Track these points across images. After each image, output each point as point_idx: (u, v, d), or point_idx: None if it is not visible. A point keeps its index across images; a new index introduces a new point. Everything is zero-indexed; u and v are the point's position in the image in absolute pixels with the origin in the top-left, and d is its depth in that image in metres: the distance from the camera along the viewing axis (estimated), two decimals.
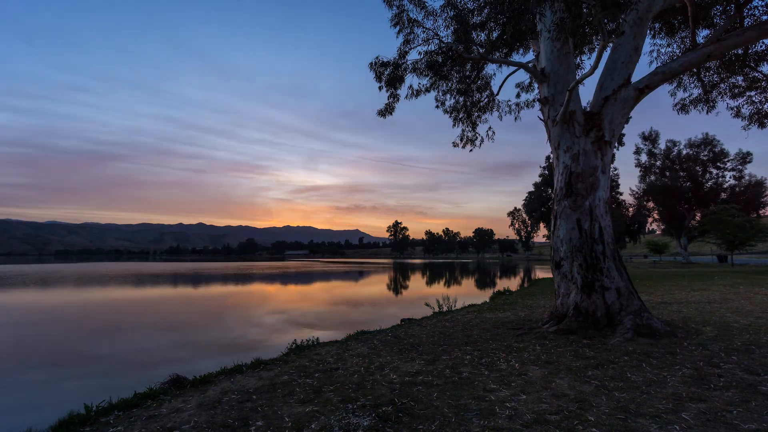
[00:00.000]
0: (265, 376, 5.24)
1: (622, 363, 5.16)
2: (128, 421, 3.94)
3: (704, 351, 5.68)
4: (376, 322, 10.89)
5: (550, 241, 8.22)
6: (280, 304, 18.55)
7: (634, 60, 7.75)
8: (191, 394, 4.71)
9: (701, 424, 3.36)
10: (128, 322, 13.48)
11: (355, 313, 15.30)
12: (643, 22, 7.65)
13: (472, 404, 3.93)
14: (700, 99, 10.81)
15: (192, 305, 18.20)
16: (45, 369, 7.87)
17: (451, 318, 9.92)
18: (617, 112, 7.71)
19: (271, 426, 3.60)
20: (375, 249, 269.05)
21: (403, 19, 9.06)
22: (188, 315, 15.12)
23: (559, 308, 7.59)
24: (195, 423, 3.75)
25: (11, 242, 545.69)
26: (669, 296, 12.82)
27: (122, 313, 15.54)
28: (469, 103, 10.89)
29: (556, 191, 8.11)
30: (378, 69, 9.55)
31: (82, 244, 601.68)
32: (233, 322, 13.38)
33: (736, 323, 7.78)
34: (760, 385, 4.22)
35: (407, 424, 3.52)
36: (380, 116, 10.41)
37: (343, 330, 10.24)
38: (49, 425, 4.03)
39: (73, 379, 7.23)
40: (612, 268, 7.22)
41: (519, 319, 9.23)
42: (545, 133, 8.62)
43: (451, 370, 5.17)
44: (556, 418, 3.53)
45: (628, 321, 6.73)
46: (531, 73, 9.36)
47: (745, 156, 45.90)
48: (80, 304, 18.42)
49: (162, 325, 12.78)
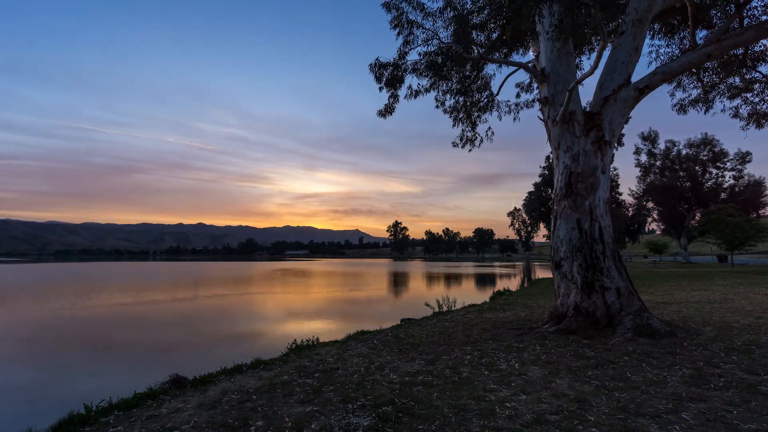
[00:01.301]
0: (265, 376, 5.23)
1: (622, 363, 5.16)
2: (128, 421, 3.94)
3: (704, 351, 5.68)
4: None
5: (550, 241, 8.22)
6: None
7: (634, 60, 7.75)
8: (191, 394, 4.71)
9: (701, 424, 3.36)
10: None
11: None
12: (643, 22, 7.64)
13: (472, 404, 3.93)
14: (699, 99, 10.82)
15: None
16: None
17: (451, 318, 9.92)
18: (617, 112, 7.71)
19: (271, 426, 3.60)
20: (375, 249, 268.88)
21: (403, 21, 9.07)
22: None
23: (559, 308, 7.59)
24: (195, 423, 3.75)
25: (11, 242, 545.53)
26: (669, 296, 12.83)
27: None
28: (469, 103, 10.90)
29: (556, 191, 8.11)
30: (378, 70, 9.55)
31: (82, 244, 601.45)
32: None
33: (736, 323, 7.78)
34: (760, 385, 4.22)
35: (407, 424, 3.52)
36: (380, 116, 10.41)
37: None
38: (49, 425, 4.03)
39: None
40: (612, 268, 7.22)
41: (519, 319, 9.23)
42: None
43: (451, 370, 5.17)
44: (556, 418, 3.53)
45: (628, 321, 6.73)
46: (531, 73, 9.36)
47: (745, 156, 45.94)
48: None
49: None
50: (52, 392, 6.60)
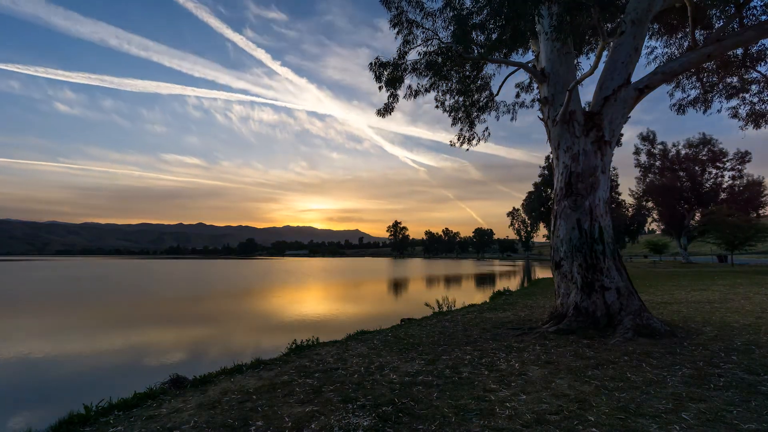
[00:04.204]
0: (265, 376, 5.23)
1: (622, 363, 5.16)
2: (128, 421, 3.94)
3: (704, 351, 5.68)
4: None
5: (550, 241, 8.22)
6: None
7: (633, 60, 7.75)
8: (191, 394, 4.71)
9: (701, 424, 3.36)
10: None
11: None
12: (643, 22, 7.65)
13: (472, 404, 3.93)
14: (698, 99, 10.83)
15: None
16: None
17: (451, 318, 9.92)
18: (617, 112, 7.71)
19: (271, 426, 3.60)
20: (375, 249, 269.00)
21: (402, 20, 9.07)
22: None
23: (559, 308, 7.59)
24: (195, 423, 3.75)
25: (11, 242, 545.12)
26: (669, 296, 12.83)
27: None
28: (469, 103, 10.91)
29: (556, 191, 8.11)
30: (377, 69, 9.55)
31: (82, 244, 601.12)
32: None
33: (736, 323, 7.79)
34: (760, 385, 4.22)
35: (407, 424, 3.52)
36: (379, 116, 10.40)
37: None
38: (49, 425, 4.02)
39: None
40: (612, 268, 7.22)
41: (519, 319, 9.23)
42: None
43: (451, 370, 5.17)
44: (556, 418, 3.53)
45: (628, 321, 6.73)
46: (531, 73, 9.36)
47: (744, 155, 45.90)
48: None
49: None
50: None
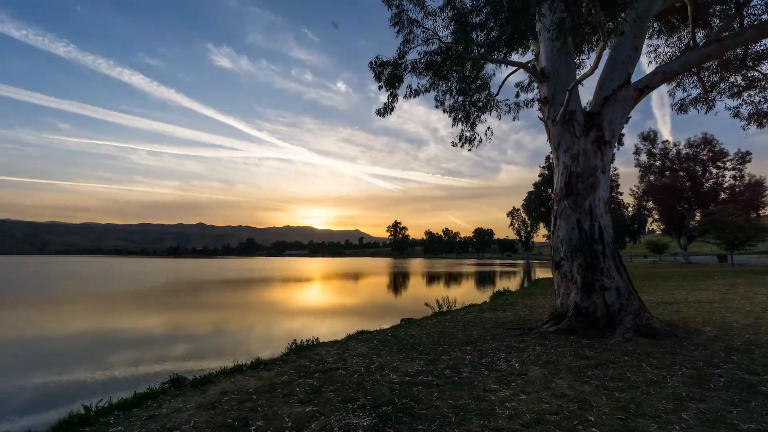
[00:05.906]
0: (265, 376, 5.23)
1: (622, 363, 5.16)
2: (128, 421, 3.94)
3: (704, 351, 5.68)
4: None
5: (550, 241, 8.22)
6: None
7: (633, 60, 7.75)
8: (191, 394, 4.71)
9: (701, 424, 3.36)
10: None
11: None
12: (643, 22, 7.64)
13: (472, 404, 3.93)
14: (699, 99, 10.82)
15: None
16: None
17: (451, 318, 9.91)
18: (617, 112, 7.71)
19: (270, 426, 3.60)
20: (375, 249, 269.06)
21: (403, 19, 9.05)
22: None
23: (559, 308, 7.59)
24: (195, 423, 3.75)
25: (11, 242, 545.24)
26: (669, 296, 12.82)
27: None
28: (468, 103, 10.89)
29: (556, 191, 8.10)
30: (377, 68, 9.53)
31: (82, 244, 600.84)
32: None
33: (736, 323, 7.78)
34: (760, 385, 4.22)
35: (407, 424, 3.52)
36: (379, 115, 10.39)
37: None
38: (49, 425, 4.02)
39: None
40: (612, 268, 7.22)
41: (519, 319, 9.23)
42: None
43: (451, 370, 5.17)
44: (556, 418, 3.53)
45: (628, 321, 6.73)
46: (531, 73, 9.36)
47: (745, 155, 45.88)
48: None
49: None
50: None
